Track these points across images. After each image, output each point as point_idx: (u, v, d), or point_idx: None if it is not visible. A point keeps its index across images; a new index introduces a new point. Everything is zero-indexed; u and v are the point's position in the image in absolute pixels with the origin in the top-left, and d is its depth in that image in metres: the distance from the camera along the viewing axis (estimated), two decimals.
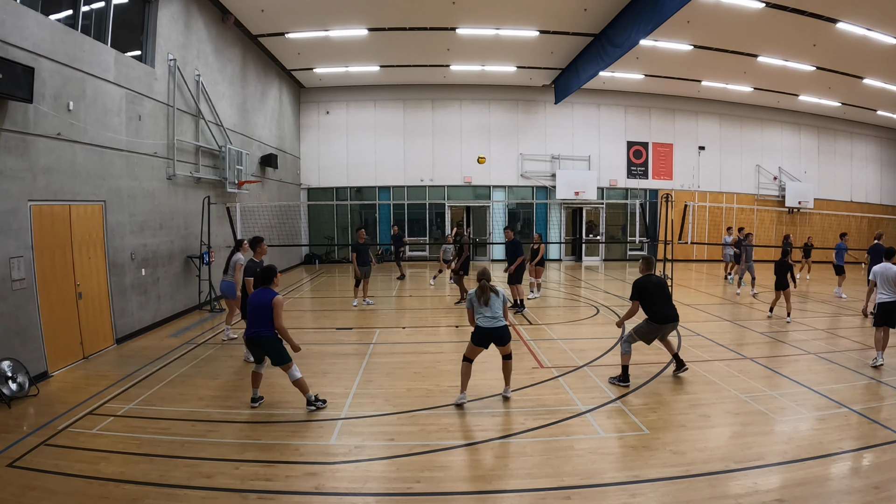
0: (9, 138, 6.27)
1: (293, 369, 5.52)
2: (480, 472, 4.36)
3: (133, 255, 8.90)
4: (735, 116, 22.14)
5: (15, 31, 6.30)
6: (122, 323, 8.50)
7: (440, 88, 20.66)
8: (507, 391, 5.96)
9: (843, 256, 13.39)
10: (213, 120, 12.22)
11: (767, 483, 4.07)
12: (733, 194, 22.24)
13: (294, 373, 5.52)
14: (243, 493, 3.98)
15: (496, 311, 5.72)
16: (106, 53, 8.24)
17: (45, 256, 6.74)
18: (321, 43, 15.47)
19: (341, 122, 20.90)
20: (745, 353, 7.79)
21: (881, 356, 7.05)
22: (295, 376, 5.52)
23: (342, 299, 12.68)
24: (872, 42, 13.81)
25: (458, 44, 15.74)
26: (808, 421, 5.31)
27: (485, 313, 5.71)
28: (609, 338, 8.72)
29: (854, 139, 23.64)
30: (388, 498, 3.99)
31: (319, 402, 5.66)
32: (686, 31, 14.03)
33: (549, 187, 21.14)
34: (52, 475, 4.21)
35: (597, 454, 4.59)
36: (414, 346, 8.25)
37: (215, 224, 11.61)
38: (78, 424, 5.22)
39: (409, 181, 20.97)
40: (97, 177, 8.00)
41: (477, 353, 5.84)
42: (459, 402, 5.71)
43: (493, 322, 5.66)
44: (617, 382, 6.37)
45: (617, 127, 21.66)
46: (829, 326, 9.87)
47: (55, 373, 6.80)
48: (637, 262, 8.03)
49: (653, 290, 6.44)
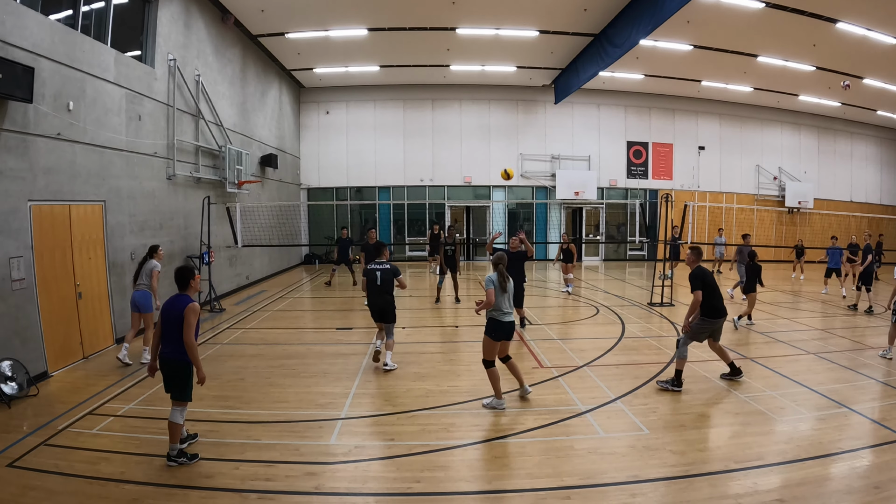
0: (9, 138, 6.27)
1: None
2: (480, 472, 4.36)
3: (133, 255, 8.89)
4: (735, 116, 22.14)
5: (15, 31, 6.30)
6: (122, 323, 8.49)
7: (440, 88, 20.66)
8: (527, 389, 5.87)
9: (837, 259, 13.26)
10: (213, 120, 12.22)
11: (767, 483, 4.07)
12: (733, 194, 22.24)
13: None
14: (243, 493, 3.98)
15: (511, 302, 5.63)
16: (106, 53, 8.24)
17: (45, 256, 6.74)
18: (321, 43, 15.47)
19: (341, 122, 20.90)
20: (745, 353, 7.79)
21: (891, 350, 7.46)
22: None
23: (342, 299, 12.69)
24: (872, 42, 13.81)
25: (458, 44, 15.74)
26: (808, 421, 5.31)
27: (504, 306, 5.51)
28: (609, 338, 8.73)
29: (854, 139, 23.64)
30: (388, 498, 3.99)
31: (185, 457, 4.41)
32: (686, 31, 14.03)
33: (549, 187, 21.14)
34: (52, 475, 4.21)
35: (597, 454, 4.59)
36: (414, 346, 8.25)
37: (215, 224, 11.61)
38: (78, 424, 5.22)
39: (408, 181, 20.96)
40: (97, 177, 7.99)
41: (496, 351, 5.61)
42: (500, 407, 5.55)
43: (511, 315, 5.58)
44: (669, 387, 6.14)
45: (617, 127, 21.66)
46: (829, 326, 9.87)
47: (55, 373, 6.80)
48: (637, 262, 8.01)
49: (711, 280, 6.28)
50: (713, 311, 6.24)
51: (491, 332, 5.54)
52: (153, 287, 7.39)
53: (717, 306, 6.26)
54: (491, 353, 5.58)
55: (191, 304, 4.49)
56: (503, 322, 5.52)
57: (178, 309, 4.43)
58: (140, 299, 7.32)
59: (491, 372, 5.59)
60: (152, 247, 7.77)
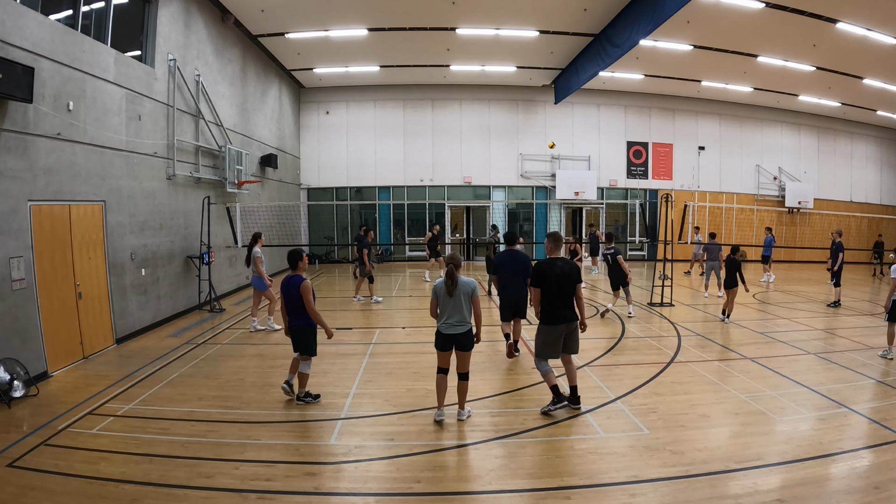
0: (9, 138, 6.27)
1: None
2: (480, 472, 4.36)
3: (133, 255, 8.89)
4: (735, 116, 22.14)
5: (15, 31, 6.30)
6: (121, 323, 8.50)
7: (440, 88, 20.66)
8: (463, 413, 5.29)
9: (770, 249, 14.14)
10: (213, 120, 12.22)
11: (767, 483, 4.07)
12: (733, 194, 22.23)
13: None
14: (243, 493, 3.98)
15: (459, 309, 5.08)
16: (106, 53, 8.24)
17: (45, 256, 6.74)
18: (321, 43, 15.47)
19: (341, 122, 20.90)
20: (745, 353, 7.79)
21: (891, 350, 7.51)
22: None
23: (342, 299, 12.69)
24: (872, 42, 13.80)
25: (458, 44, 15.74)
26: (808, 421, 5.31)
27: (446, 314, 5.08)
28: (609, 338, 8.73)
29: (854, 139, 23.63)
30: (388, 498, 3.99)
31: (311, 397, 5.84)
32: (686, 31, 14.03)
33: (549, 187, 21.14)
34: (52, 475, 4.21)
35: (597, 454, 4.59)
36: (414, 346, 8.24)
37: (215, 224, 11.61)
38: (78, 424, 5.22)
39: (408, 181, 20.96)
40: (97, 177, 7.99)
41: (448, 361, 5.24)
42: (438, 419, 5.21)
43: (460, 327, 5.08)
44: (551, 409, 5.39)
45: (617, 127, 21.66)
46: (828, 326, 9.87)
47: (55, 373, 6.80)
48: (637, 262, 8.04)
49: (553, 277, 5.35)
50: (550, 316, 5.43)
51: (435, 339, 5.21)
52: (259, 271, 9.04)
53: (555, 312, 5.41)
54: (439, 361, 5.24)
55: (303, 283, 5.58)
56: (441, 333, 5.14)
57: (294, 287, 5.59)
58: (254, 282, 9.25)
59: (438, 378, 5.26)
60: (255, 234, 9.37)
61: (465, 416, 5.29)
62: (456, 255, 5.17)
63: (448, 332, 5.12)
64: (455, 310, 5.11)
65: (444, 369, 5.26)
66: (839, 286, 11.91)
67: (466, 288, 5.14)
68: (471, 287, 5.15)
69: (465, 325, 5.13)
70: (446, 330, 5.13)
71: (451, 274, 5.09)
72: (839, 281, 11.92)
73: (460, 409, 5.33)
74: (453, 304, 5.11)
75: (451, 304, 5.11)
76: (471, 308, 5.16)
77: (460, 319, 5.12)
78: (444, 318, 5.15)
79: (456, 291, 5.09)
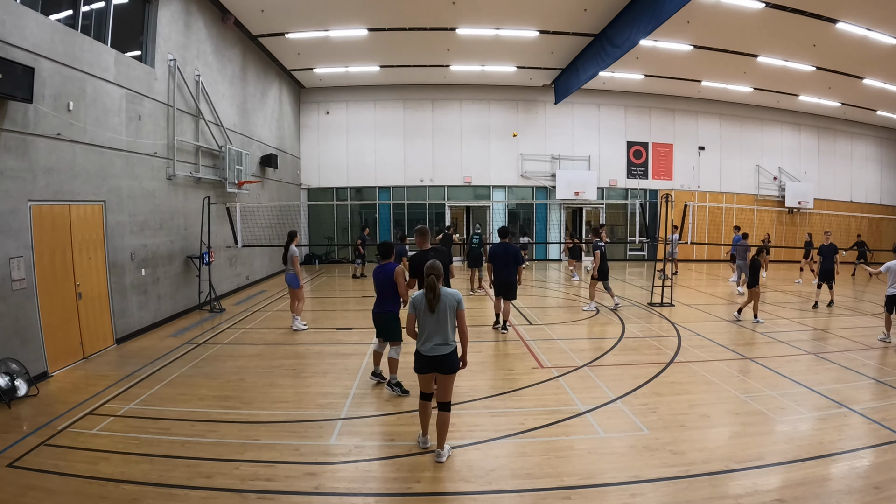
0: (9, 138, 6.27)
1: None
2: (480, 472, 4.35)
3: (133, 255, 8.89)
4: (735, 116, 22.14)
5: (15, 31, 6.30)
6: (122, 323, 8.50)
7: (440, 88, 20.66)
8: (442, 454, 4.45)
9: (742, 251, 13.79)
10: (213, 120, 12.22)
11: (767, 483, 4.07)
12: (733, 194, 22.24)
13: None
14: (243, 493, 3.98)
15: (443, 327, 4.43)
16: (106, 53, 8.24)
17: (45, 256, 6.74)
18: (321, 43, 15.47)
19: (341, 122, 20.90)
20: (745, 353, 7.79)
21: (889, 335, 8.35)
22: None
23: (342, 299, 12.69)
24: (872, 42, 13.81)
25: (458, 44, 15.74)
26: (808, 421, 5.31)
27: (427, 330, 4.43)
28: (609, 338, 8.73)
29: (854, 139, 23.64)
30: (388, 498, 3.99)
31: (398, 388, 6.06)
32: (686, 31, 14.03)
33: (549, 187, 21.14)
34: (52, 475, 4.21)
35: (597, 454, 4.59)
36: (413, 346, 8.22)
37: (215, 224, 11.61)
38: (78, 424, 5.22)
39: (408, 181, 20.96)
40: (97, 177, 8.00)
41: (431, 385, 4.57)
42: (423, 446, 4.69)
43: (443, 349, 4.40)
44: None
45: (617, 127, 21.66)
46: (829, 326, 9.87)
47: (55, 373, 6.80)
48: (636, 262, 8.06)
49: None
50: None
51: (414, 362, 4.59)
52: (296, 270, 9.13)
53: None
54: (421, 385, 4.64)
55: (397, 267, 6.00)
56: (421, 354, 4.49)
57: (387, 272, 5.99)
58: (288, 280, 9.26)
59: (420, 405, 4.68)
60: (291, 232, 9.39)
61: (445, 457, 4.45)
62: (436, 264, 4.44)
63: (430, 353, 4.42)
64: (438, 328, 4.42)
65: (428, 395, 4.62)
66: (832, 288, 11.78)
67: (451, 300, 4.46)
68: (455, 300, 4.48)
69: (449, 346, 4.42)
70: (428, 352, 4.43)
71: (431, 286, 4.37)
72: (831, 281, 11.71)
73: (439, 449, 4.47)
74: (436, 321, 4.42)
75: (433, 320, 4.42)
76: (455, 324, 4.52)
77: (444, 339, 4.42)
78: (424, 337, 4.47)
79: (438, 306, 4.41)
